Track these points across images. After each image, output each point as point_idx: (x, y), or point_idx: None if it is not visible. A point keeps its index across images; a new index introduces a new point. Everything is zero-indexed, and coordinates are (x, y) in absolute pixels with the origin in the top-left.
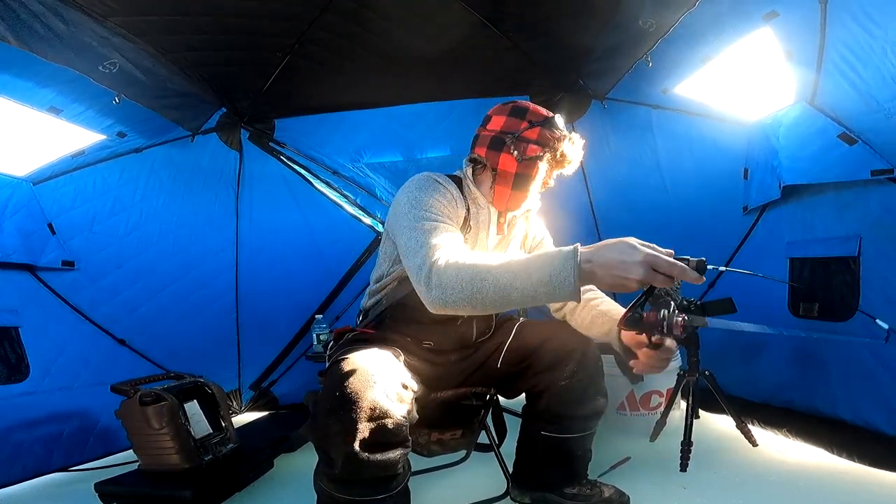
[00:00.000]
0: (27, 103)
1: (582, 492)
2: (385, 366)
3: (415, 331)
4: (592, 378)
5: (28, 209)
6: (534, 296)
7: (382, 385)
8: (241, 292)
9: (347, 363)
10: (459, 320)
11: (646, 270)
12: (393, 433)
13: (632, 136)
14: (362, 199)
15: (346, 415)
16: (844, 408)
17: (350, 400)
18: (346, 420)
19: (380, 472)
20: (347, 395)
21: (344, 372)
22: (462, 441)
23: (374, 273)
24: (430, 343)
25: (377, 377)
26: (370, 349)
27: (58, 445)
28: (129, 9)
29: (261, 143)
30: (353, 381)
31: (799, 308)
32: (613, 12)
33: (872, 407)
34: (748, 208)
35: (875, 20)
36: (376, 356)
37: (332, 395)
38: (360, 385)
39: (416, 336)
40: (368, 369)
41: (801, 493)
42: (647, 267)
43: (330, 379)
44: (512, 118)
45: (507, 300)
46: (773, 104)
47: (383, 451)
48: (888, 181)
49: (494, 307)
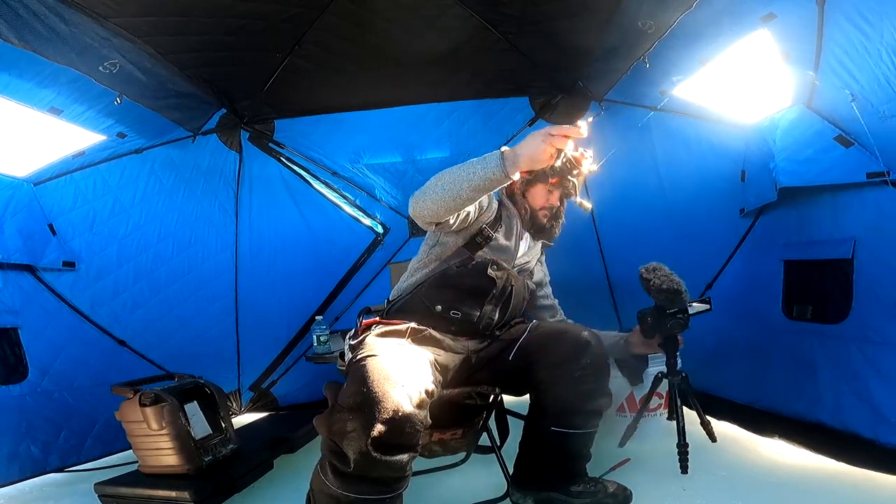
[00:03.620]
0: (28, 104)
1: (587, 489)
2: (412, 368)
3: (449, 298)
4: (603, 374)
5: (29, 210)
6: (471, 175)
7: (408, 388)
8: (240, 293)
9: (375, 361)
10: (490, 295)
11: (544, 136)
12: (408, 436)
13: (630, 137)
14: (362, 200)
15: (369, 413)
16: (829, 412)
17: (375, 399)
18: (368, 418)
19: (390, 472)
20: (373, 394)
21: (371, 370)
22: (463, 442)
23: (418, 254)
24: (457, 313)
25: (403, 380)
26: (400, 348)
27: (57, 446)
28: (130, 10)
29: (261, 143)
30: (379, 381)
31: (793, 310)
32: (612, 14)
33: (859, 410)
34: (745, 210)
35: (870, 22)
36: (405, 356)
37: (357, 392)
38: (386, 386)
39: (448, 303)
40: (396, 370)
41: (800, 495)
42: (544, 134)
43: (356, 375)
44: None
45: (456, 183)
46: (771, 106)
47: (396, 454)
48: (884, 184)
49: (449, 189)
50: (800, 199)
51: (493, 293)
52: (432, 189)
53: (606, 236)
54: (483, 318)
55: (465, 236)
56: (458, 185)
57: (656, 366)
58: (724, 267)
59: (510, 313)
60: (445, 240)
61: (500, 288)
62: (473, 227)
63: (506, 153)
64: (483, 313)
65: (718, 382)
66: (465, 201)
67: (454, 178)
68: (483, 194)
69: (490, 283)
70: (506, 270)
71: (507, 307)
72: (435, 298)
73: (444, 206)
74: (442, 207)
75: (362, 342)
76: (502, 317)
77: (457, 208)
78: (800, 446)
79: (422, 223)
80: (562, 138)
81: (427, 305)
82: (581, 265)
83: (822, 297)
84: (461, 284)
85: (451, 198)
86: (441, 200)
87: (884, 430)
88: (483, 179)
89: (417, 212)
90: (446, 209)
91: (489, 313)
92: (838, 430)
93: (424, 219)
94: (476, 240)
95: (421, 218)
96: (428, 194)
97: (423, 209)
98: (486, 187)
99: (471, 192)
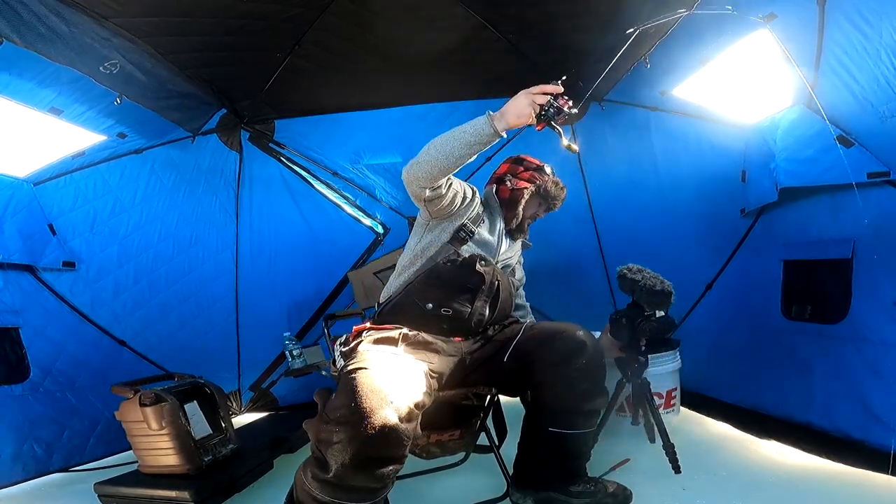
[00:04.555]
0: (28, 104)
1: (587, 489)
2: (403, 380)
3: (440, 296)
4: (599, 373)
5: (29, 210)
6: (463, 134)
7: (396, 403)
8: (240, 293)
9: (366, 375)
10: (479, 290)
11: (526, 94)
12: (394, 450)
13: (630, 137)
14: (362, 200)
15: (355, 428)
16: (820, 412)
17: (362, 415)
18: (353, 433)
19: (370, 483)
20: (361, 409)
21: (361, 384)
22: (461, 442)
23: (406, 251)
24: (448, 310)
25: (393, 395)
26: (393, 359)
27: (58, 446)
28: (130, 10)
29: (261, 144)
30: (367, 396)
31: (791, 310)
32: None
33: (851, 411)
34: (745, 211)
35: (870, 23)
36: (397, 368)
37: (346, 405)
38: (374, 402)
39: (438, 301)
40: (386, 384)
41: (800, 494)
42: (525, 93)
43: (345, 387)
44: (512, 165)
45: (448, 143)
46: (771, 106)
47: (380, 467)
48: (884, 184)
49: (442, 149)
50: (800, 200)
51: (482, 288)
52: (425, 153)
53: (606, 236)
54: (474, 314)
55: (450, 230)
56: (450, 144)
57: (656, 365)
58: (724, 267)
59: (499, 309)
60: (432, 234)
61: (489, 283)
62: (457, 219)
63: (493, 114)
64: (474, 309)
65: (718, 382)
66: (458, 159)
67: (446, 140)
68: (474, 150)
69: (479, 279)
70: (491, 265)
71: (497, 303)
72: (426, 297)
73: (437, 166)
74: (436, 167)
75: (354, 350)
76: (492, 313)
77: (449, 168)
78: (796, 447)
79: (416, 188)
80: (541, 95)
81: (419, 305)
82: (581, 264)
83: (821, 297)
84: (451, 281)
85: (445, 156)
86: (435, 160)
87: (876, 430)
88: (474, 136)
89: (412, 175)
90: (440, 169)
91: (480, 309)
92: (828, 431)
93: (419, 182)
94: (460, 234)
95: (416, 181)
96: (422, 157)
97: (417, 171)
98: (478, 143)
99: (463, 149)
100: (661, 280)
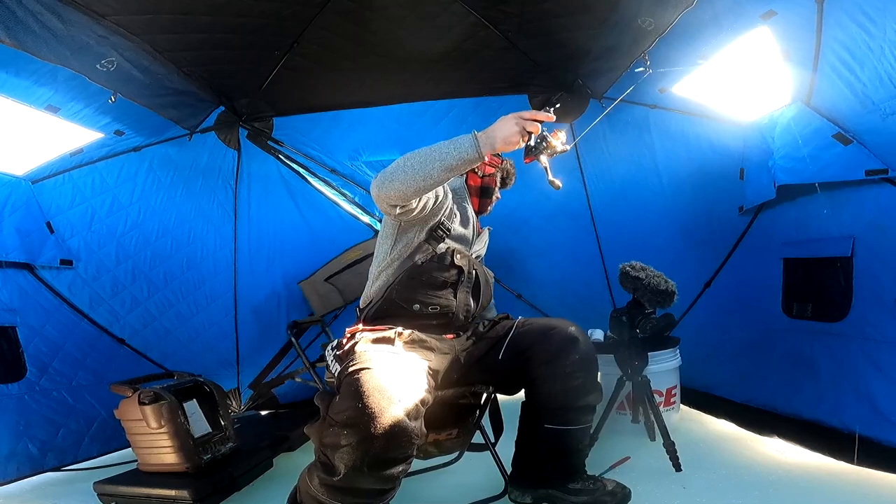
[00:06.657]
0: (25, 101)
1: (585, 486)
2: (408, 379)
3: (423, 294)
4: (592, 368)
5: (26, 208)
6: (444, 155)
7: (404, 402)
8: (239, 291)
9: (370, 375)
10: (459, 282)
11: (516, 119)
12: (404, 450)
13: (629, 135)
14: (360, 198)
15: (364, 429)
16: (829, 410)
17: (371, 415)
18: (363, 434)
19: (380, 485)
20: (369, 409)
21: (366, 384)
22: (457, 441)
23: (378, 257)
24: (435, 307)
25: (400, 394)
26: (394, 357)
27: (54, 445)
28: (128, 8)
29: (259, 141)
30: (374, 396)
31: (792, 308)
32: (612, 11)
33: (859, 409)
34: (744, 208)
35: (873, 19)
36: (400, 367)
37: (352, 407)
38: (383, 402)
39: (423, 300)
40: (392, 384)
41: (800, 493)
42: (517, 118)
43: (349, 388)
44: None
45: (426, 164)
46: (770, 104)
47: (391, 467)
48: (883, 181)
49: (419, 170)
50: (799, 197)
51: (462, 280)
52: (401, 170)
53: (605, 234)
54: (460, 307)
55: (425, 230)
56: (428, 165)
57: (656, 364)
58: (722, 265)
59: (482, 300)
60: (405, 237)
61: (467, 273)
62: (431, 219)
63: (479, 135)
64: (459, 301)
65: (718, 381)
66: (435, 182)
67: (424, 159)
68: (454, 174)
69: (457, 271)
70: (467, 257)
71: (479, 293)
72: (410, 298)
73: (413, 187)
74: (411, 188)
75: (351, 351)
76: (477, 303)
77: (426, 189)
78: (799, 445)
79: (385, 205)
80: (532, 122)
81: (404, 307)
82: (580, 263)
83: (822, 295)
84: (430, 278)
85: (422, 178)
86: (411, 181)
87: (884, 428)
88: (457, 160)
89: (384, 193)
90: (415, 190)
91: (464, 300)
92: (837, 429)
93: (390, 201)
94: (437, 233)
95: (386, 200)
96: (397, 175)
97: (390, 190)
98: (459, 167)
99: (442, 173)
100: (666, 279)
